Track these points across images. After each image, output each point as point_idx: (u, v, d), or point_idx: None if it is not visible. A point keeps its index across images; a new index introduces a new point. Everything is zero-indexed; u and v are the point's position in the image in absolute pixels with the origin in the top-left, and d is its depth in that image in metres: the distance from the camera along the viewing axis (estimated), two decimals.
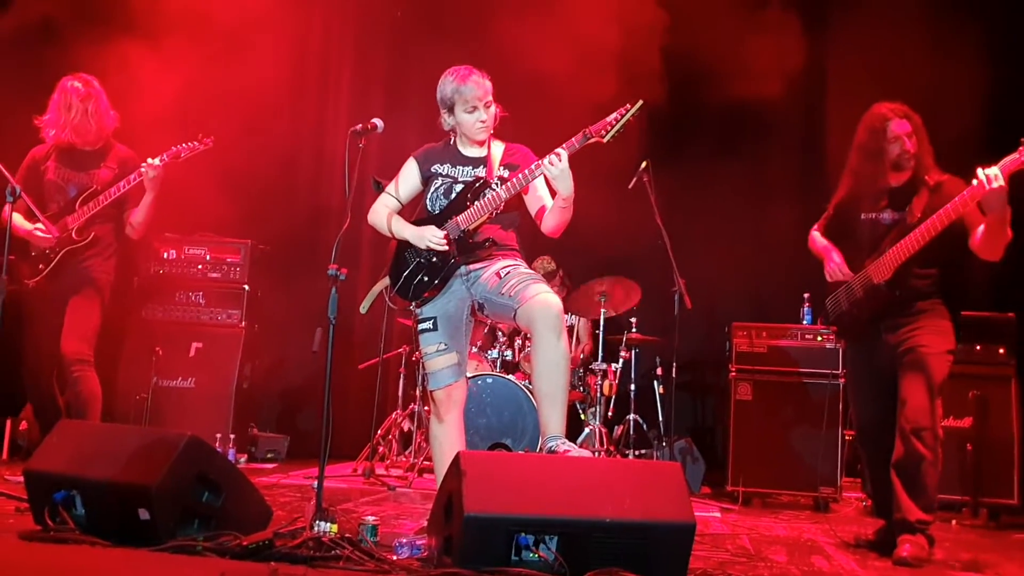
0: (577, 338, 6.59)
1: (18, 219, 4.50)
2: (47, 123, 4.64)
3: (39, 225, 4.53)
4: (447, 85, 3.61)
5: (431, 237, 3.56)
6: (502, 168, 3.66)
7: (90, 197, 4.58)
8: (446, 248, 3.55)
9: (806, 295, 5.63)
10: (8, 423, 5.67)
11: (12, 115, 4.82)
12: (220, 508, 3.09)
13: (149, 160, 4.50)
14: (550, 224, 3.59)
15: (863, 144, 3.92)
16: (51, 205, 4.62)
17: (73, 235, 4.56)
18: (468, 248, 3.58)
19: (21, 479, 3.28)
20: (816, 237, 4.13)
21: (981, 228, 3.61)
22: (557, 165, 3.37)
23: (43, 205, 4.58)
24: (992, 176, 3.42)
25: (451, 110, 3.63)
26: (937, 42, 5.91)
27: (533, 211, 3.68)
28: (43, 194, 4.63)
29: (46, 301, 4.57)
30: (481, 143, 3.71)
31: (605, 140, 3.41)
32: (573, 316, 6.40)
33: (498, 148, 3.73)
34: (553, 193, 3.51)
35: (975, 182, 3.47)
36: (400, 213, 3.75)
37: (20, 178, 4.53)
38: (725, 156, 6.74)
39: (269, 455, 6.46)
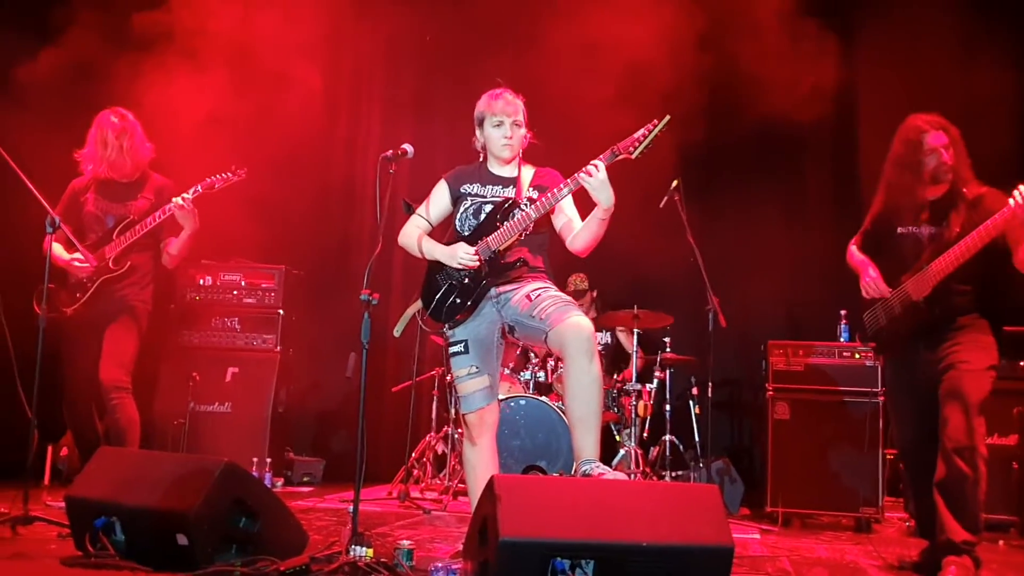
0: (612, 357, 6.53)
1: (58, 249, 4.60)
2: (85, 157, 4.77)
3: (77, 255, 4.62)
4: (481, 102, 3.72)
5: (462, 254, 3.58)
6: (531, 189, 3.68)
7: (127, 227, 4.67)
8: (477, 264, 3.56)
9: (843, 312, 5.56)
10: (49, 449, 5.76)
11: (54, 146, 4.92)
12: (257, 533, 3.11)
13: (175, 199, 4.57)
14: (582, 239, 3.58)
15: (899, 156, 3.86)
16: (90, 235, 4.73)
17: (110, 264, 4.64)
18: (499, 269, 3.58)
19: (62, 505, 3.32)
20: (853, 252, 4.08)
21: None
22: (596, 176, 3.37)
23: (82, 236, 4.69)
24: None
25: (481, 125, 3.71)
26: (971, 53, 5.85)
27: (561, 230, 3.69)
28: (83, 225, 4.74)
29: (84, 329, 4.65)
30: (508, 161, 3.73)
31: (634, 156, 3.40)
32: (606, 333, 6.36)
33: (528, 171, 3.76)
34: (582, 213, 3.51)
35: (1012, 201, 3.42)
36: (431, 235, 3.77)
37: (61, 209, 4.63)
38: (758, 173, 6.71)
39: (305, 479, 6.49)
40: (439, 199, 3.79)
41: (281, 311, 6.27)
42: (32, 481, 4.05)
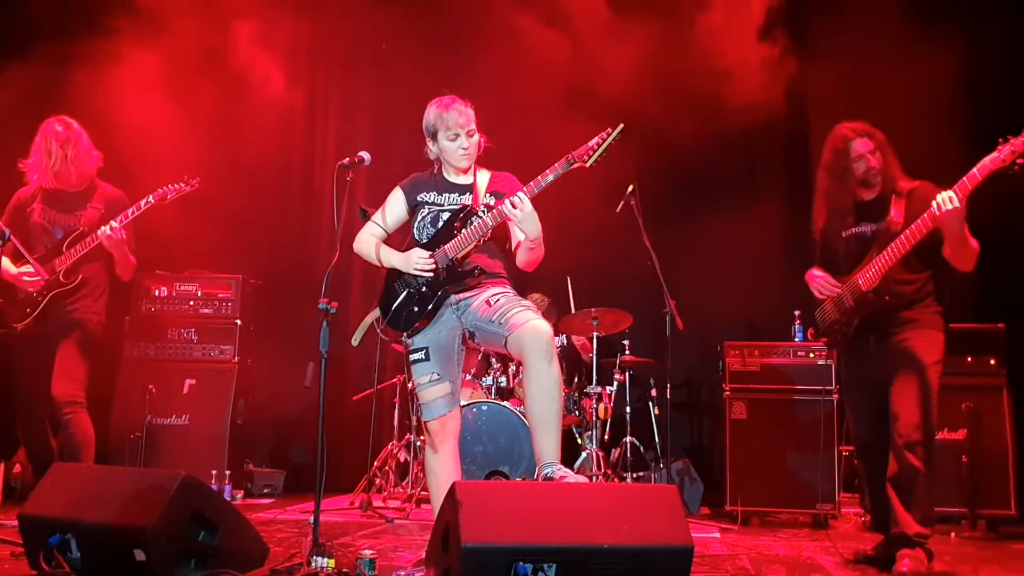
0: (575, 360, 6.55)
1: (5, 263, 4.48)
2: (30, 167, 4.66)
3: (25, 268, 4.52)
4: (430, 113, 3.68)
5: (417, 260, 3.58)
6: (488, 196, 3.69)
7: (77, 239, 4.58)
8: (433, 269, 3.56)
9: (797, 312, 5.65)
10: (1, 467, 5.64)
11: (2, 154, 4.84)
12: (216, 547, 3.08)
13: (103, 228, 4.50)
14: (521, 260, 3.65)
15: (829, 165, 4.01)
16: (38, 247, 4.62)
17: (61, 278, 4.55)
18: (457, 276, 3.59)
19: (16, 523, 3.27)
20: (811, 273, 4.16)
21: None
22: (520, 208, 3.41)
23: (30, 247, 4.57)
24: (944, 200, 3.51)
25: (434, 137, 3.69)
26: (916, 51, 5.97)
27: (512, 243, 3.72)
28: (29, 236, 4.63)
29: (36, 344, 4.55)
30: (465, 170, 3.74)
31: (588, 164, 3.44)
32: (563, 337, 6.39)
33: (483, 176, 3.76)
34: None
35: (935, 203, 3.55)
36: (387, 242, 3.77)
37: (6, 220, 4.53)
38: (712, 176, 6.79)
39: (265, 490, 6.43)
40: (395, 207, 3.78)
41: (239, 321, 6.21)
42: None
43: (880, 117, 4.05)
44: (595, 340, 6.03)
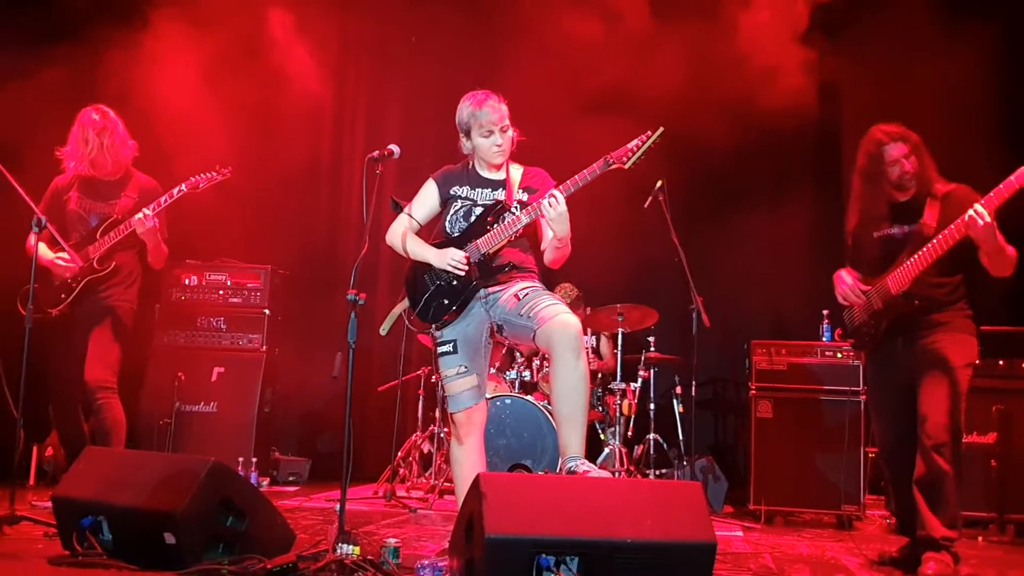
0: (598, 354, 6.58)
1: (42, 249, 4.56)
2: (67, 155, 4.72)
3: (61, 254, 4.59)
4: (464, 110, 3.67)
5: (452, 259, 3.59)
6: (521, 191, 3.70)
7: (111, 227, 4.65)
8: (466, 270, 3.58)
9: (825, 312, 5.61)
10: (35, 450, 5.74)
11: (38, 143, 4.89)
12: (244, 532, 3.12)
13: (137, 215, 4.55)
14: (548, 258, 3.67)
15: (863, 169, 3.98)
16: (73, 235, 4.69)
17: (95, 264, 4.62)
18: (489, 271, 3.60)
19: (49, 505, 3.33)
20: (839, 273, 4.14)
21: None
22: (555, 207, 3.41)
23: (65, 234, 4.65)
24: (980, 214, 3.49)
25: (468, 134, 3.68)
26: (948, 52, 5.91)
27: (542, 239, 3.72)
28: (65, 224, 4.70)
29: (69, 329, 4.63)
30: (499, 167, 3.74)
31: (627, 167, 3.45)
32: (591, 336, 6.40)
33: (517, 171, 3.77)
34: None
35: (967, 216, 3.52)
36: (418, 234, 3.79)
37: (43, 207, 4.59)
38: (742, 173, 6.76)
39: (291, 478, 6.50)
40: (427, 199, 3.79)
41: (267, 311, 6.28)
42: (18, 481, 4.04)
43: (915, 117, 4.01)
44: (620, 336, 6.03)
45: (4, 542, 3.48)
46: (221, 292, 6.32)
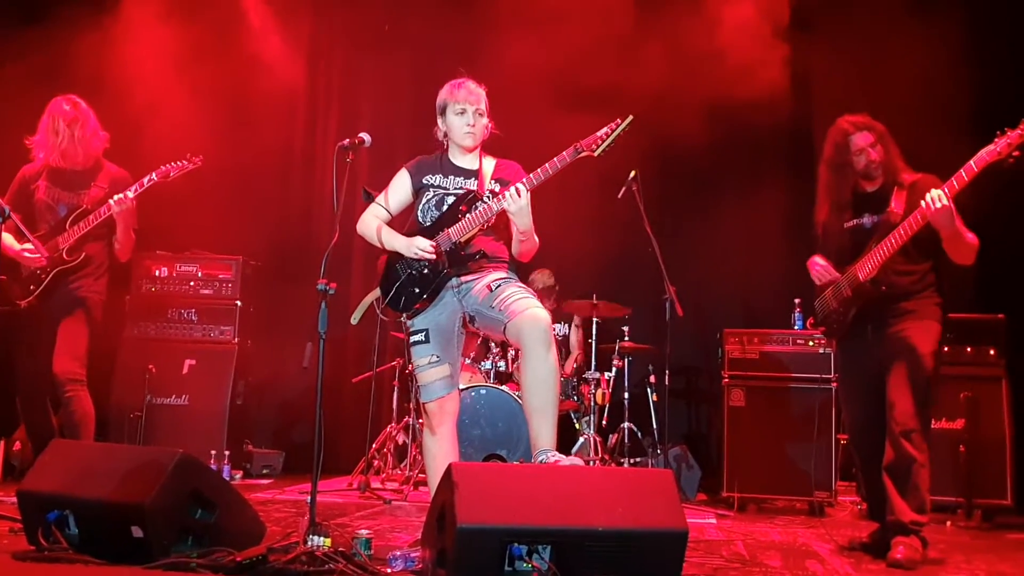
0: (568, 349, 6.60)
1: (8, 239, 4.48)
2: (36, 145, 4.65)
3: (28, 245, 4.52)
4: (443, 90, 3.72)
5: (420, 246, 3.59)
6: (493, 182, 3.70)
7: (80, 217, 4.58)
8: (434, 257, 3.57)
9: (797, 300, 5.65)
10: (1, 444, 5.66)
11: (7, 132, 4.81)
12: (214, 525, 3.09)
13: (115, 197, 4.49)
14: (515, 251, 3.68)
15: (830, 159, 4.02)
16: (41, 225, 4.62)
17: (64, 255, 4.55)
18: (460, 260, 3.60)
19: (15, 499, 3.28)
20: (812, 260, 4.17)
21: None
22: (517, 201, 3.44)
23: (33, 225, 4.57)
24: (934, 199, 3.53)
25: (443, 113, 3.71)
26: (919, 42, 5.95)
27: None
28: (33, 214, 4.62)
29: (38, 321, 4.55)
30: (470, 150, 3.74)
31: (596, 154, 3.47)
32: (564, 325, 6.40)
33: (489, 163, 3.78)
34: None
35: (923, 202, 3.57)
36: (390, 224, 3.77)
37: (10, 197, 4.52)
38: (714, 163, 6.77)
39: (264, 471, 6.45)
40: (400, 189, 3.78)
41: (239, 302, 6.23)
42: None
43: (886, 108, 4.06)
44: (594, 325, 6.04)
45: None
46: (192, 283, 6.26)
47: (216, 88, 6.42)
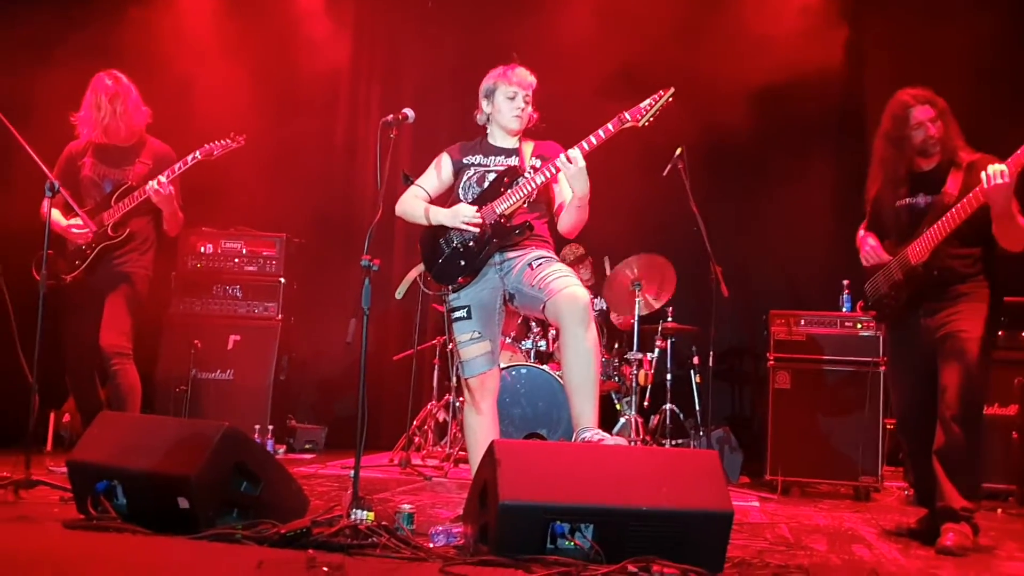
0: (608, 321, 6.48)
1: (56, 215, 4.54)
2: (80, 121, 4.69)
3: (75, 220, 4.58)
4: (492, 74, 3.74)
5: (465, 214, 3.59)
6: (533, 159, 3.71)
7: (125, 193, 4.62)
8: (480, 223, 3.57)
9: (845, 282, 5.55)
10: (51, 416, 5.78)
11: (53, 109, 4.87)
12: (258, 497, 3.11)
13: (150, 183, 4.52)
14: (565, 223, 3.66)
15: (887, 132, 3.90)
16: (87, 201, 4.67)
17: (109, 231, 4.60)
18: (505, 232, 3.59)
19: (65, 470, 3.34)
20: (860, 235, 4.09)
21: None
22: (575, 163, 3.43)
23: (79, 201, 4.62)
24: (993, 174, 3.42)
25: (490, 96, 3.72)
26: (974, 15, 5.77)
27: (555, 207, 3.73)
28: (79, 190, 4.68)
29: (84, 296, 4.62)
30: (514, 133, 3.74)
31: (641, 124, 3.51)
32: (601, 299, 6.32)
33: (528, 145, 3.79)
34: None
35: (983, 174, 3.45)
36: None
37: (57, 174, 4.57)
38: (762, 142, 6.66)
39: (307, 446, 6.52)
40: (440, 170, 3.80)
41: (282, 279, 6.27)
42: (35, 447, 4.07)
43: (939, 85, 3.92)
44: (637, 304, 5.97)
45: (20, 506, 3.49)
46: (236, 260, 6.31)
47: (261, 66, 6.44)
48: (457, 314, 3.63)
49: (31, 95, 5.00)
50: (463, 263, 3.61)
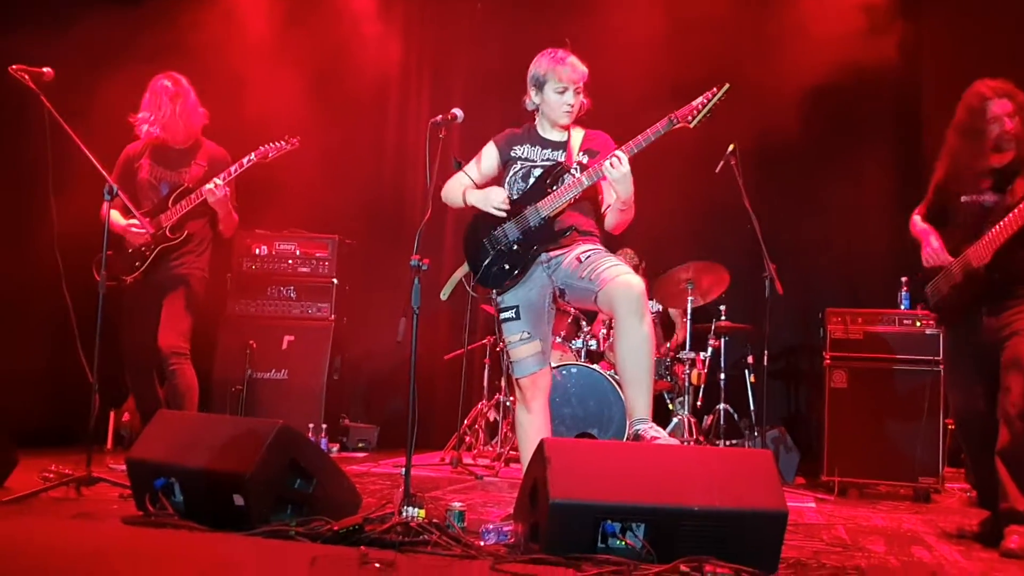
0: (665, 327, 6.48)
1: (115, 216, 4.62)
2: (139, 122, 4.79)
3: (133, 221, 4.67)
4: (542, 62, 3.62)
5: (495, 200, 3.57)
6: (581, 154, 3.64)
7: (182, 195, 4.70)
8: (507, 209, 3.54)
9: (903, 279, 5.42)
10: (111, 415, 5.90)
11: (111, 111, 4.97)
12: (311, 494, 3.15)
13: (208, 185, 4.59)
14: (611, 222, 3.61)
15: (961, 123, 3.78)
16: (144, 203, 4.76)
17: (167, 233, 4.68)
18: (551, 235, 3.56)
19: (124, 467, 3.41)
20: (916, 221, 3.99)
21: None
22: (618, 168, 3.36)
23: (137, 203, 4.71)
24: None
25: (540, 87, 3.63)
26: None
27: (603, 203, 3.67)
28: (137, 192, 4.77)
29: (143, 297, 4.70)
30: (564, 127, 3.69)
31: (692, 125, 3.40)
32: (656, 303, 6.28)
33: (578, 134, 3.71)
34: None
35: None
36: None
37: (116, 176, 4.65)
38: (817, 137, 6.55)
39: (360, 444, 6.59)
40: (487, 159, 3.76)
41: (335, 280, 6.34)
42: (95, 445, 4.15)
43: (1001, 77, 3.81)
44: (689, 303, 5.92)
45: (82, 503, 3.57)
46: (290, 262, 6.39)
47: (312, 68, 6.51)
48: (506, 315, 3.61)
49: (88, 98, 5.10)
50: (507, 267, 3.58)
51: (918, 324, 5.24)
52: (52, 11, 5.62)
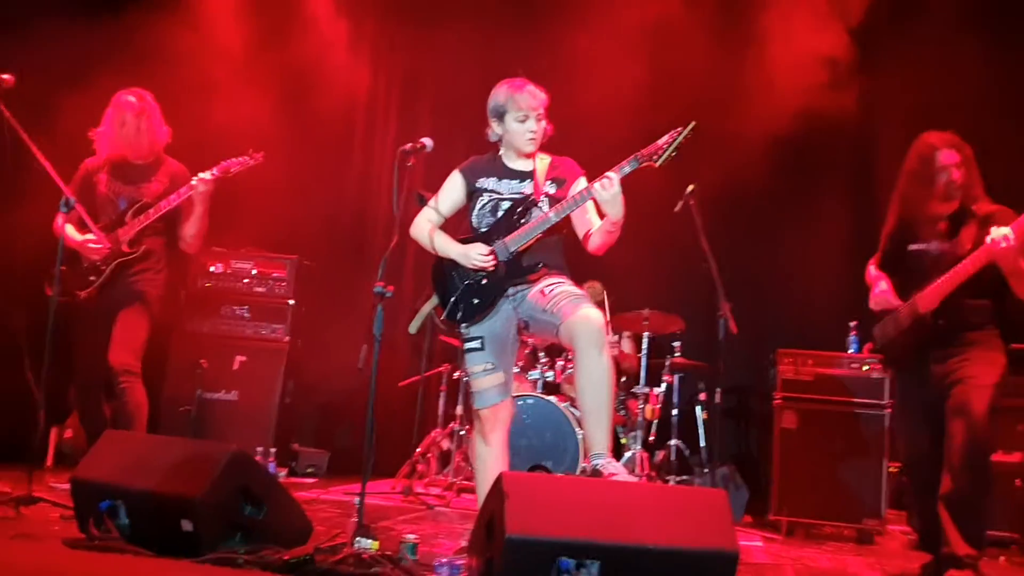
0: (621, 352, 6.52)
1: (70, 230, 4.55)
2: (100, 137, 4.72)
3: (90, 236, 4.59)
4: (500, 93, 3.63)
5: (476, 256, 3.55)
6: (548, 183, 3.64)
7: (140, 210, 4.63)
8: (492, 265, 3.54)
9: (852, 323, 5.53)
10: (53, 431, 5.75)
11: (70, 126, 4.90)
12: (262, 521, 3.10)
13: (200, 175, 4.56)
14: (596, 243, 3.59)
15: (912, 171, 3.91)
16: (102, 217, 4.67)
17: (124, 247, 4.61)
18: (518, 270, 3.56)
19: (67, 487, 3.33)
20: (870, 271, 4.10)
21: None
22: (609, 190, 3.36)
23: (95, 217, 4.62)
24: (998, 238, 3.47)
25: (501, 118, 3.64)
26: (988, 58, 5.80)
27: (580, 232, 3.67)
28: (95, 206, 4.68)
29: (96, 312, 4.60)
30: (529, 155, 3.70)
31: (657, 164, 3.39)
32: (615, 335, 6.33)
33: (543, 162, 3.71)
34: (602, 215, 3.50)
35: (988, 239, 3.49)
36: (443, 227, 3.74)
37: (74, 189, 4.57)
38: (773, 181, 6.68)
39: (309, 470, 6.49)
40: (453, 192, 3.74)
41: (292, 301, 6.27)
42: (36, 463, 4.04)
43: (953, 128, 3.94)
44: (644, 340, 5.98)
45: (21, 523, 3.47)
46: (246, 281, 6.31)
47: (281, 88, 6.49)
48: (470, 345, 3.60)
49: (53, 113, 5.02)
50: (477, 301, 3.57)
51: (866, 368, 5.34)
52: (14, 22, 5.53)
